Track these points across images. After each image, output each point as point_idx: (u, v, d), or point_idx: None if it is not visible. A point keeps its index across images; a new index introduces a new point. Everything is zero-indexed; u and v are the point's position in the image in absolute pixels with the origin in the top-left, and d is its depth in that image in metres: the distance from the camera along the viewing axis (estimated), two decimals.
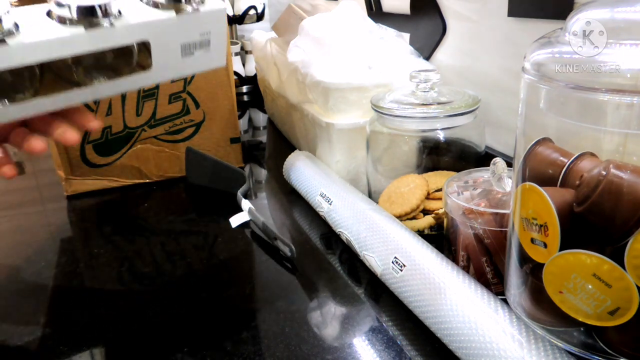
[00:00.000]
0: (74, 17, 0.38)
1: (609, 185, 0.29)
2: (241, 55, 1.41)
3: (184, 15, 0.43)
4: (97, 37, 0.40)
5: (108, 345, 0.44)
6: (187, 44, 0.45)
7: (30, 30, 0.36)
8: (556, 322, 0.34)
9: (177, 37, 0.44)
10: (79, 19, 0.38)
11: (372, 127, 0.62)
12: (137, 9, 0.42)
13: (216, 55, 0.49)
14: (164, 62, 0.45)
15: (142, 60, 0.44)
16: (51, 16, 0.39)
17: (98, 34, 0.39)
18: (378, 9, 0.91)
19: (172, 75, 0.47)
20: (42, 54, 0.37)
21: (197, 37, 0.46)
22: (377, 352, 0.41)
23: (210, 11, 0.45)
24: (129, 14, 0.41)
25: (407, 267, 0.44)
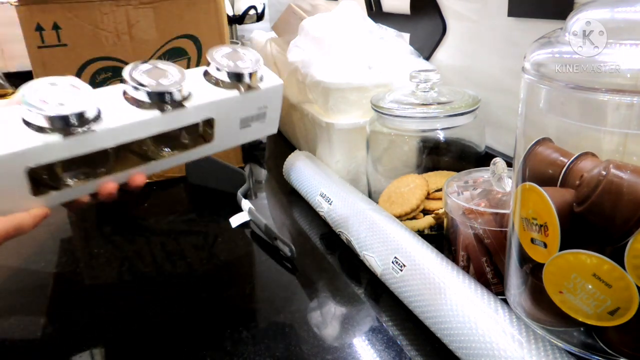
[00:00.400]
0: (150, 101, 0.41)
1: (609, 185, 0.29)
2: None
3: (246, 93, 0.46)
4: (171, 118, 0.43)
5: (108, 345, 0.44)
6: (246, 118, 0.49)
7: (111, 116, 0.40)
8: (556, 322, 0.34)
9: (238, 112, 0.48)
10: (155, 103, 0.41)
11: (372, 127, 0.62)
12: (203, 88, 0.45)
13: (270, 124, 0.52)
14: (225, 135, 0.48)
15: (205, 133, 0.47)
16: (127, 98, 0.41)
17: (172, 116, 0.42)
18: (378, 9, 0.91)
19: (230, 145, 0.50)
20: (123, 137, 0.41)
21: (255, 111, 0.49)
22: (377, 352, 0.41)
23: (269, 88, 0.48)
24: (197, 93, 0.44)
25: (407, 267, 0.44)
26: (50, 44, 0.69)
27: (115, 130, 0.39)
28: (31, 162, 0.37)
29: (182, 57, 0.76)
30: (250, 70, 0.46)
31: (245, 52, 0.48)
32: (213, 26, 0.75)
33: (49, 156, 0.38)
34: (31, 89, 0.37)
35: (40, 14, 0.67)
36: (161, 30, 0.73)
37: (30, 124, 0.37)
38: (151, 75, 0.42)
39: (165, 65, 0.44)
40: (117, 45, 0.72)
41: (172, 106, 0.42)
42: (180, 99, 0.43)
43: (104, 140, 0.40)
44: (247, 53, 0.48)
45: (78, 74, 0.71)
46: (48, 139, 0.36)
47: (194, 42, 0.76)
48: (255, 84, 0.47)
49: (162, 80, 0.42)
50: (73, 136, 0.37)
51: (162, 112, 0.41)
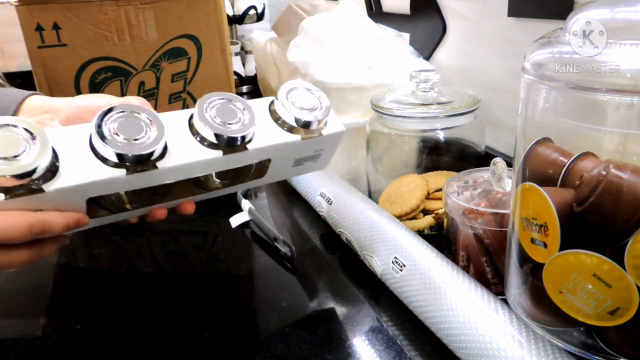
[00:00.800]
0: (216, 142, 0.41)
1: (609, 185, 0.29)
2: (241, 55, 1.41)
3: (307, 139, 0.45)
4: (232, 159, 0.42)
5: (108, 345, 0.44)
6: (301, 158, 0.48)
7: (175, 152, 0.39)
8: (556, 322, 0.34)
9: (295, 154, 0.47)
10: (220, 144, 0.41)
11: (372, 127, 0.62)
12: (266, 127, 0.44)
13: (322, 163, 0.51)
14: (277, 171, 0.48)
15: (259, 168, 0.47)
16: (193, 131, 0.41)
17: (233, 157, 0.42)
18: (378, 9, 0.91)
19: (279, 179, 0.51)
20: (182, 174, 0.41)
21: (311, 153, 0.48)
22: (377, 352, 0.41)
23: (331, 135, 0.47)
24: (260, 134, 0.43)
25: (407, 267, 0.44)
26: (50, 44, 0.69)
27: (177, 168, 0.39)
28: (93, 193, 0.37)
29: (182, 57, 0.76)
30: (318, 119, 0.45)
31: (319, 95, 0.47)
32: (213, 26, 0.75)
33: (111, 189, 0.38)
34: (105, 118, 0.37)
35: (40, 14, 0.67)
36: (161, 30, 0.73)
37: (98, 153, 0.36)
38: (222, 113, 0.41)
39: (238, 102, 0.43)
40: (117, 45, 0.72)
41: (236, 149, 0.42)
42: (245, 142, 0.42)
43: (165, 177, 0.40)
44: (320, 97, 0.47)
45: (78, 74, 0.71)
46: (113, 173, 0.36)
47: (194, 42, 0.76)
48: (319, 131, 0.46)
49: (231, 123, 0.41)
50: (137, 173, 0.37)
51: (224, 154, 0.41)
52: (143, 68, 0.74)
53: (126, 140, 0.36)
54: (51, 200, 0.35)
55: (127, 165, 0.37)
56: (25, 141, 0.34)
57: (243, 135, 0.41)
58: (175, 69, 0.76)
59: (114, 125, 0.37)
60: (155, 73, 0.75)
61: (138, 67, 0.74)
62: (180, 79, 0.77)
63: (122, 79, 0.74)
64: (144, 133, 0.37)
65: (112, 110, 0.37)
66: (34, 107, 0.45)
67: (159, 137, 0.38)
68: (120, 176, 0.37)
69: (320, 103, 0.46)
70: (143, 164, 0.37)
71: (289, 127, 0.45)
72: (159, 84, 0.76)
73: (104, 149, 0.36)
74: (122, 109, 0.38)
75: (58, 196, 0.35)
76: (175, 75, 0.77)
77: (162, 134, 0.38)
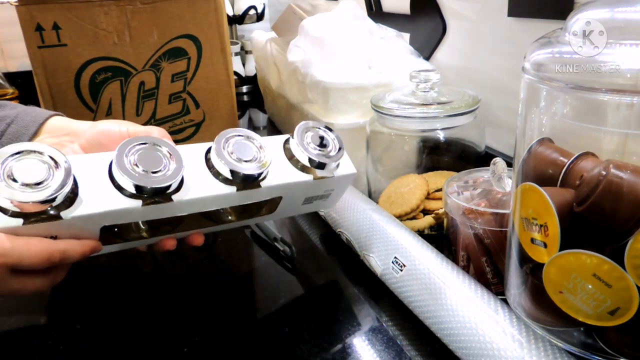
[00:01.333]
0: (231, 178, 0.42)
1: (609, 185, 0.29)
2: (241, 55, 1.41)
3: (319, 179, 0.46)
4: (245, 195, 0.43)
5: (108, 345, 0.44)
6: (311, 197, 0.49)
7: (191, 185, 0.40)
8: (556, 322, 0.34)
9: (306, 193, 0.48)
10: (235, 180, 0.42)
11: (372, 127, 0.62)
12: (280, 165, 0.45)
13: (331, 202, 0.52)
14: (287, 208, 0.49)
15: (269, 204, 0.48)
16: (209, 165, 0.42)
17: (246, 193, 0.43)
18: (378, 9, 0.91)
19: (288, 215, 0.51)
20: (195, 208, 0.42)
21: (321, 192, 0.49)
22: (377, 352, 0.41)
23: (342, 176, 0.48)
24: (273, 171, 0.44)
25: (407, 267, 0.44)
26: (50, 44, 0.69)
27: (192, 202, 0.40)
28: (108, 221, 0.38)
29: (182, 57, 0.76)
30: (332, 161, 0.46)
31: (334, 137, 0.48)
32: (213, 26, 0.75)
33: (127, 218, 0.39)
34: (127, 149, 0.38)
35: (40, 14, 0.67)
36: (161, 30, 0.73)
37: (116, 183, 0.37)
38: (239, 149, 0.42)
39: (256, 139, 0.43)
40: (117, 45, 0.72)
41: (250, 186, 0.42)
42: (259, 180, 0.43)
43: (179, 209, 0.41)
44: (335, 139, 0.48)
45: (78, 74, 0.71)
46: (130, 203, 0.37)
47: (194, 42, 0.76)
48: (331, 172, 0.47)
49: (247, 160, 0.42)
50: (153, 204, 0.38)
51: (238, 190, 0.42)
52: (143, 68, 0.74)
53: (145, 172, 0.37)
54: (67, 227, 0.36)
55: (143, 197, 0.38)
56: (49, 168, 0.35)
57: (258, 174, 0.42)
58: (175, 69, 0.76)
59: (134, 157, 0.38)
60: (155, 73, 0.75)
61: (138, 67, 0.74)
62: (180, 79, 0.77)
63: (122, 79, 0.74)
64: (162, 166, 0.38)
65: (134, 141, 0.38)
66: (56, 128, 0.45)
67: (177, 171, 0.39)
68: (136, 207, 0.37)
69: (335, 145, 0.47)
70: (159, 196, 0.38)
71: (302, 166, 0.45)
72: (159, 84, 0.76)
73: (123, 179, 0.37)
74: (144, 141, 0.38)
75: (74, 223, 0.36)
76: (175, 75, 0.77)
77: (180, 167, 0.39)
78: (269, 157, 0.43)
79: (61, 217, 0.35)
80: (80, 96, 0.72)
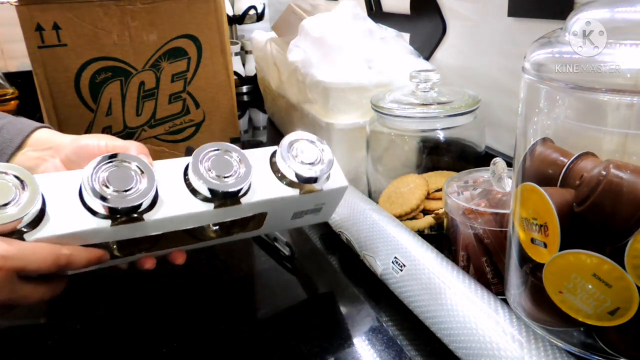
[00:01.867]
0: (210, 196, 0.40)
1: (609, 185, 0.29)
2: (241, 55, 1.41)
3: (307, 194, 0.44)
4: (224, 212, 0.41)
5: (108, 346, 0.44)
6: (300, 212, 0.47)
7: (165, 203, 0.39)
8: (556, 322, 0.34)
9: (294, 208, 0.46)
10: (213, 198, 0.40)
11: (372, 127, 0.62)
12: (264, 179, 0.43)
13: (323, 216, 0.50)
14: (274, 223, 0.47)
15: (255, 219, 0.46)
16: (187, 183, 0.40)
17: (225, 210, 0.41)
18: (378, 9, 0.91)
19: (277, 230, 0.49)
20: (171, 226, 0.40)
21: (311, 207, 0.47)
22: (377, 352, 0.41)
23: (332, 190, 0.46)
24: (256, 186, 0.42)
25: (407, 267, 0.44)
26: (50, 44, 0.69)
27: (165, 220, 0.39)
28: (79, 242, 0.37)
29: (182, 57, 0.76)
30: (319, 175, 0.44)
31: (322, 148, 0.45)
32: (213, 26, 0.75)
33: (97, 238, 0.38)
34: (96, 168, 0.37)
35: (40, 14, 0.67)
36: (161, 30, 0.73)
37: (85, 203, 0.36)
38: (217, 165, 0.40)
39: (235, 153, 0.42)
40: (117, 45, 0.72)
41: (229, 203, 0.41)
42: (239, 196, 0.41)
43: (153, 228, 0.40)
44: (324, 150, 0.45)
45: (78, 74, 0.71)
46: (98, 224, 0.36)
47: (194, 42, 0.76)
48: (320, 186, 0.45)
49: (226, 176, 0.40)
50: (123, 224, 0.37)
51: (216, 207, 0.40)
52: (143, 68, 0.74)
53: (116, 192, 0.36)
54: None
55: (113, 216, 0.37)
56: (15, 189, 0.34)
57: (237, 190, 0.40)
58: (175, 69, 0.76)
59: (105, 174, 0.37)
60: (155, 73, 0.75)
61: (138, 67, 0.74)
62: (180, 79, 0.77)
63: (122, 79, 0.74)
64: (133, 184, 0.37)
65: (103, 161, 0.37)
66: (40, 142, 0.45)
67: (148, 189, 0.37)
68: (105, 227, 0.36)
69: (323, 157, 0.45)
70: (129, 215, 0.37)
71: (289, 181, 0.43)
72: (159, 84, 0.76)
73: (91, 199, 0.36)
74: (111, 159, 0.37)
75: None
76: (175, 75, 0.77)
77: (152, 185, 0.38)
78: (249, 172, 0.41)
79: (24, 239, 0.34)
80: (80, 96, 0.72)
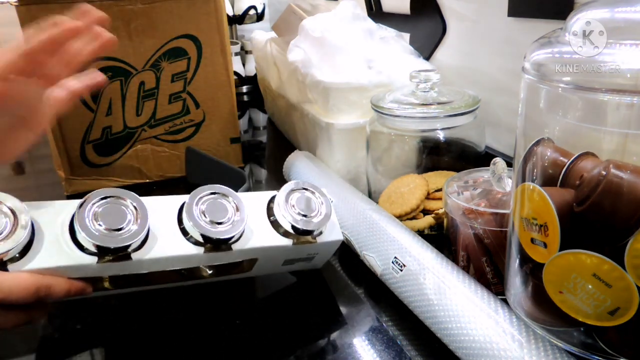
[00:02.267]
0: (199, 240, 0.40)
1: (609, 185, 0.29)
2: (241, 55, 1.41)
3: (300, 244, 0.44)
4: (213, 256, 0.41)
5: (108, 346, 0.44)
6: (291, 260, 0.47)
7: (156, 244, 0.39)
8: (556, 322, 0.34)
9: (285, 256, 0.46)
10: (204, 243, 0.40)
11: (372, 127, 0.62)
12: (260, 228, 0.43)
13: (315, 264, 0.50)
14: (265, 268, 0.47)
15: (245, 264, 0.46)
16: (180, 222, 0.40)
17: (215, 255, 0.41)
18: (378, 9, 0.91)
19: (268, 273, 0.49)
20: (158, 267, 0.40)
21: (304, 256, 0.47)
22: (377, 352, 0.41)
23: (326, 243, 0.46)
24: (250, 234, 0.42)
25: (407, 267, 0.44)
26: None
27: (153, 260, 0.39)
28: (64, 275, 0.37)
29: (182, 57, 0.76)
30: (315, 229, 0.44)
31: (322, 201, 0.46)
32: (213, 26, 0.75)
33: (82, 273, 0.38)
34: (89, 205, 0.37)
35: (40, 14, 0.67)
36: (161, 30, 0.73)
37: (76, 238, 0.37)
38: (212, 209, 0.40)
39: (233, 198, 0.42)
40: (116, 45, 0.72)
41: (220, 248, 0.41)
42: (230, 242, 0.41)
43: (140, 267, 0.40)
44: (323, 203, 0.45)
45: None
46: (85, 260, 0.36)
47: (194, 42, 0.76)
48: (314, 239, 0.45)
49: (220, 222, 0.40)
50: (109, 262, 0.37)
51: (206, 252, 0.40)
52: (143, 68, 0.74)
53: (106, 231, 0.36)
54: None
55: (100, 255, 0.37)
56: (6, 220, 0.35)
57: (229, 237, 0.40)
58: (175, 69, 0.76)
59: (98, 209, 0.37)
60: (155, 73, 0.75)
61: (138, 67, 0.74)
62: (180, 79, 0.77)
63: (122, 79, 0.74)
64: (125, 223, 0.37)
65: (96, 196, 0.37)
66: None
67: (139, 230, 0.37)
68: (91, 264, 0.36)
69: (321, 210, 0.45)
70: (117, 254, 0.37)
71: (284, 231, 0.43)
72: (159, 84, 0.76)
73: (81, 235, 0.36)
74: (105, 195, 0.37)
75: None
76: (175, 75, 0.77)
77: (144, 226, 0.37)
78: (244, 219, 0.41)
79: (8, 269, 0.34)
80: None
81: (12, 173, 0.90)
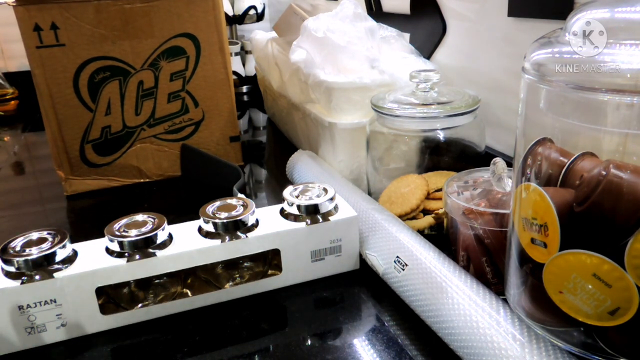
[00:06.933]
0: (212, 230, 0.46)
1: (609, 185, 0.29)
2: (241, 55, 1.40)
3: (314, 225, 0.47)
4: (231, 247, 0.45)
5: (107, 346, 0.44)
6: (317, 251, 0.49)
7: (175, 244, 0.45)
8: (556, 322, 0.34)
9: (307, 244, 0.48)
10: (217, 233, 0.46)
11: (372, 127, 0.62)
12: (273, 220, 0.48)
13: (348, 259, 0.51)
14: (295, 267, 0.49)
15: (275, 264, 0.49)
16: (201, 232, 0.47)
17: (232, 245, 0.45)
18: (378, 9, 0.91)
19: (303, 278, 0.50)
20: (182, 264, 0.45)
21: (327, 244, 0.49)
22: (377, 352, 0.41)
23: (340, 220, 0.49)
24: (264, 224, 0.47)
25: (409, 266, 0.44)
26: (48, 44, 0.69)
27: (174, 256, 0.44)
28: (98, 282, 0.43)
29: (180, 56, 0.76)
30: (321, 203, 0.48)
31: (325, 187, 0.51)
32: (211, 25, 0.75)
33: (115, 278, 0.43)
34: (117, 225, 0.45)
35: (38, 14, 0.67)
36: (159, 29, 0.73)
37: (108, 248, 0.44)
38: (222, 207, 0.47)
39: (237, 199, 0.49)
40: (115, 45, 0.72)
41: (233, 237, 0.45)
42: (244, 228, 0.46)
43: (165, 266, 0.44)
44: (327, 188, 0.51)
45: (77, 73, 0.71)
46: (114, 262, 0.43)
47: (192, 41, 0.75)
48: (326, 217, 0.48)
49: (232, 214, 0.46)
50: (135, 261, 0.43)
51: (222, 242, 0.45)
52: (142, 67, 0.74)
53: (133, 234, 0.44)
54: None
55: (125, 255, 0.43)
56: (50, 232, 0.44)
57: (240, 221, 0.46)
58: (174, 68, 0.76)
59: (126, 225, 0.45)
60: (154, 72, 0.75)
61: (137, 66, 0.74)
62: (179, 78, 0.77)
63: (120, 78, 0.74)
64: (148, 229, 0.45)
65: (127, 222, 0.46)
66: None
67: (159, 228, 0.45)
68: (118, 265, 0.42)
69: (326, 192, 0.50)
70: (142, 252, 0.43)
71: (294, 216, 0.48)
72: (158, 83, 0.76)
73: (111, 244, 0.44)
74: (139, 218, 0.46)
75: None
76: (174, 74, 0.77)
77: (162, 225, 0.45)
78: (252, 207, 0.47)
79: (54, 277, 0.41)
80: (79, 96, 0.72)
81: (12, 173, 0.90)
